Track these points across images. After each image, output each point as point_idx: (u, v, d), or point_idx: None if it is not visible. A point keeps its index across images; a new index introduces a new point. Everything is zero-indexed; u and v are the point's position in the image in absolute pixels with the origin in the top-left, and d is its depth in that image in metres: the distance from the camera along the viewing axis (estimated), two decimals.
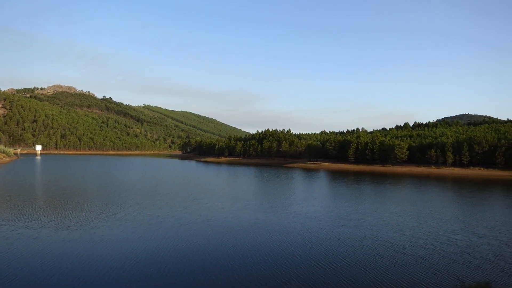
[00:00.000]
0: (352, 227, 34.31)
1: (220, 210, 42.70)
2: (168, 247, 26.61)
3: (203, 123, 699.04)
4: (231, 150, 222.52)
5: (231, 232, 31.50)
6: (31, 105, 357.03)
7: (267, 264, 23.06)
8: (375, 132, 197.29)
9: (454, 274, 21.45)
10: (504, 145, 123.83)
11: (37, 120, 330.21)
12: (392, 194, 61.72)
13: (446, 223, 36.80)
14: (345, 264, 23.35)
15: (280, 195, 58.63)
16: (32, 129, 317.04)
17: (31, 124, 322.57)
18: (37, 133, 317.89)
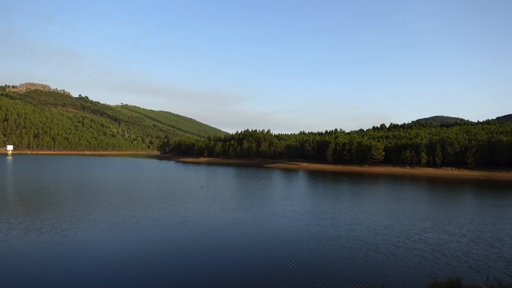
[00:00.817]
0: (327, 226, 34.57)
1: (197, 210, 42.14)
2: (142, 248, 26.02)
3: (182, 123, 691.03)
4: (211, 150, 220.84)
5: (208, 233, 31.15)
6: (1, 103, 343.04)
7: (243, 264, 22.89)
8: (352, 133, 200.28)
9: (424, 272, 21.84)
10: (474, 146, 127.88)
11: (8, 119, 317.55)
12: (368, 194, 62.40)
13: (418, 221, 37.56)
14: (320, 263, 23.43)
15: (258, 195, 58.36)
16: (3, 128, 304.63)
17: (1, 123, 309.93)
18: (9, 132, 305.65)
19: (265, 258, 24.17)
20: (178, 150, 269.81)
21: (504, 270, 22.07)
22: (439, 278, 18.91)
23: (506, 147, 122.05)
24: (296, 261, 23.73)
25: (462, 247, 27.65)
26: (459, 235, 31.51)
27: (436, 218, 39.81)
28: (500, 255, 25.42)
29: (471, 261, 23.99)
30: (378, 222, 36.92)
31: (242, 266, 22.63)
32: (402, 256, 25.03)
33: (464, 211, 45.22)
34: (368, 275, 21.26)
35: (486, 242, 29.37)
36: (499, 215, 42.68)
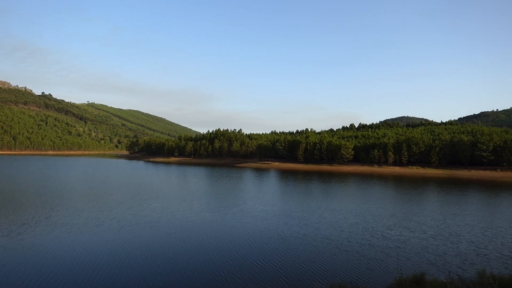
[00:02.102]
0: (295, 225, 34.46)
1: (165, 211, 40.98)
2: (105, 251, 24.89)
3: (152, 122, 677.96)
4: (181, 150, 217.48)
5: (174, 233, 30.32)
6: None
7: (209, 265, 22.33)
8: (323, 133, 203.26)
9: (387, 268, 22.15)
10: (438, 145, 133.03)
11: None
12: (336, 193, 63.06)
13: (382, 219, 38.23)
14: (286, 262, 23.22)
15: (228, 195, 57.62)
16: None
17: None
18: None
19: (231, 258, 23.70)
20: (148, 150, 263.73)
21: (461, 265, 22.70)
22: (404, 273, 18.77)
23: (466, 147, 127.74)
24: (262, 260, 23.40)
25: (422, 243, 28.28)
26: (420, 232, 32.25)
27: (400, 215, 40.69)
28: (458, 250, 26.19)
29: (431, 257, 24.52)
30: (344, 220, 37.20)
31: (208, 266, 22.05)
32: (366, 253, 25.24)
33: (426, 208, 46.47)
34: (334, 273, 21.24)
35: (445, 237, 30.22)
36: (458, 211, 44.17)
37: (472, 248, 26.87)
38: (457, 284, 11.44)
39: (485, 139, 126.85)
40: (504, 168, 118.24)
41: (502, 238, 29.98)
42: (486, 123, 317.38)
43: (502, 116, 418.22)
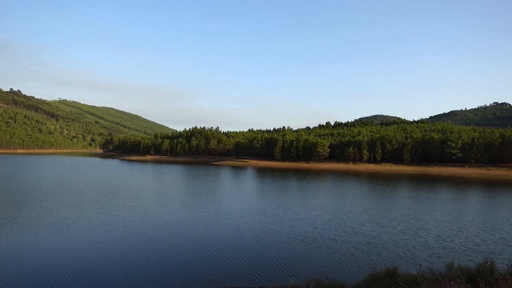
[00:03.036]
0: (270, 222, 34.51)
1: (139, 210, 40.13)
2: (74, 252, 24.04)
3: (127, 120, 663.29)
4: (158, 148, 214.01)
5: (148, 233, 29.72)
6: None
7: (182, 264, 21.98)
8: (300, 131, 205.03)
9: (358, 263, 22.57)
10: (410, 143, 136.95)
11: None
12: (312, 190, 63.62)
13: (355, 215, 38.89)
14: (260, 259, 23.21)
15: (204, 193, 57.00)
16: None
17: None
18: None
19: (205, 257, 23.42)
20: (123, 148, 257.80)
21: (428, 258, 23.33)
22: (377, 268, 19.03)
23: (437, 144, 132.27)
24: (236, 258, 23.28)
25: (393, 238, 28.98)
26: (390, 227, 33.00)
27: (372, 211, 41.49)
28: (426, 244, 26.98)
29: (401, 251, 25.18)
30: (318, 216, 37.56)
31: (181, 266, 21.71)
32: (339, 249, 25.60)
33: (397, 204, 47.69)
34: (307, 269, 21.36)
35: (414, 232, 31.08)
36: (426, 207, 45.56)
37: (439, 242, 27.75)
38: (428, 276, 11.63)
39: (454, 137, 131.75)
40: (471, 165, 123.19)
41: (467, 232, 31.11)
42: (455, 121, 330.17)
43: (470, 115, 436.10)
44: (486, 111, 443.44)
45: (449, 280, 7.26)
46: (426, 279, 10.79)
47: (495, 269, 10.61)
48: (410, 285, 10.59)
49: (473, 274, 10.34)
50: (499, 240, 28.48)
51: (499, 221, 36.08)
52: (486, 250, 25.39)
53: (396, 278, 13.12)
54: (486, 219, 37.24)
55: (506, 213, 40.97)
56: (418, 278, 10.71)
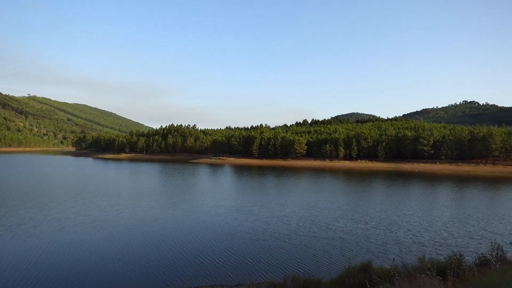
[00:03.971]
0: (245, 220, 34.33)
1: (112, 209, 38.99)
2: (41, 254, 23.03)
3: (101, 117, 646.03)
4: (133, 146, 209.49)
5: (120, 233, 28.90)
6: None
7: (154, 265, 21.47)
8: (277, 128, 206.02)
9: (330, 258, 22.82)
10: (384, 140, 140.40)
11: None
12: (288, 187, 63.98)
13: (329, 211, 39.25)
14: (234, 258, 22.99)
15: (180, 191, 56.19)
16: None
17: None
18: None
19: (178, 257, 23.00)
20: (97, 146, 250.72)
21: (399, 252, 23.79)
22: (352, 262, 19.36)
23: (410, 141, 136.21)
24: (210, 257, 22.98)
25: (365, 233, 29.46)
26: (363, 223, 33.51)
27: (345, 207, 41.98)
28: (397, 239, 27.58)
29: (372, 246, 25.61)
30: (293, 213, 37.67)
31: (153, 266, 21.20)
32: (313, 245, 25.74)
33: (370, 200, 48.64)
34: (283, 266, 21.38)
35: (385, 227, 31.70)
36: (398, 202, 46.76)
37: (409, 236, 28.42)
38: (400, 270, 11.88)
39: (426, 134, 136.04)
40: (442, 161, 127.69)
41: (435, 227, 32.02)
42: (427, 119, 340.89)
43: (441, 113, 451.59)
44: (456, 109, 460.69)
45: (420, 273, 7.44)
46: (398, 272, 11.03)
47: (463, 261, 10.99)
48: (383, 278, 10.79)
49: (443, 267, 10.65)
50: (466, 233, 29.51)
51: (466, 215, 37.46)
52: (453, 243, 26.16)
53: (370, 272, 13.34)
54: (453, 214, 38.57)
55: (472, 208, 42.63)
56: (391, 271, 10.93)
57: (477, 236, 28.45)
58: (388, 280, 9.96)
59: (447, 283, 6.15)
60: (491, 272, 5.78)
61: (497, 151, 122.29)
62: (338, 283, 13.73)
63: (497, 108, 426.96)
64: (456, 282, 6.42)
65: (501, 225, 32.83)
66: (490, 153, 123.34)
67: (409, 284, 6.73)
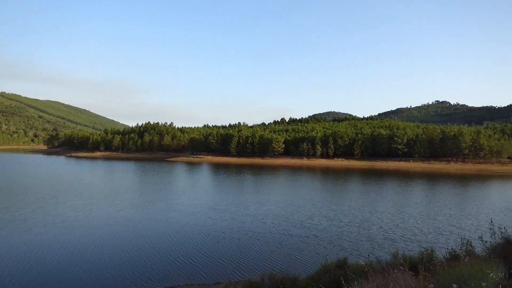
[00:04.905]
0: (220, 219, 34.05)
1: (83, 208, 37.86)
2: (5, 255, 22.13)
3: (75, 114, 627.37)
4: (108, 144, 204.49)
5: (91, 233, 28.02)
6: None
7: (126, 266, 20.93)
8: (255, 127, 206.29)
9: (305, 256, 23.00)
10: (360, 139, 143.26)
11: None
12: (265, 185, 64.28)
13: (304, 209, 39.54)
14: (207, 257, 22.74)
15: (156, 189, 55.30)
16: None
17: None
18: None
19: (150, 256, 22.48)
20: (70, 144, 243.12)
21: (370, 249, 24.12)
22: (323, 259, 19.60)
23: (385, 140, 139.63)
24: (183, 257, 22.58)
25: (339, 230, 29.81)
26: (336, 220, 33.90)
27: (320, 205, 42.34)
28: (369, 236, 28.07)
29: (344, 243, 25.99)
30: (268, 212, 37.65)
31: (125, 267, 20.65)
32: (287, 243, 25.84)
33: (345, 198, 49.41)
34: (259, 264, 21.34)
35: (358, 224, 32.19)
36: (372, 199, 47.82)
37: (381, 233, 28.97)
38: (375, 266, 12.06)
39: (400, 133, 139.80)
40: (415, 159, 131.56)
41: (406, 223, 32.84)
42: (401, 118, 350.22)
43: (414, 112, 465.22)
44: (429, 109, 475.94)
45: (394, 268, 7.61)
46: (373, 268, 11.23)
47: (434, 256, 11.32)
48: (358, 274, 10.94)
49: (415, 262, 10.92)
50: (435, 229, 30.44)
51: (435, 212, 38.68)
52: (423, 239, 26.84)
53: (346, 268, 13.51)
54: (424, 210, 39.69)
55: (442, 204, 44.12)
56: (366, 267, 11.12)
57: (446, 232, 29.39)
58: (363, 276, 10.13)
59: (419, 278, 6.31)
60: (460, 266, 5.97)
61: (466, 149, 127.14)
62: (315, 280, 13.82)
63: (467, 108, 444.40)
64: (427, 276, 6.60)
65: (469, 221, 34.09)
66: (460, 151, 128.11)
67: (383, 280, 6.86)
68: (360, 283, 7.73)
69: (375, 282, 6.86)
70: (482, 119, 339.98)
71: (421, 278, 6.20)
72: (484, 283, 4.88)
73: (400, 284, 5.97)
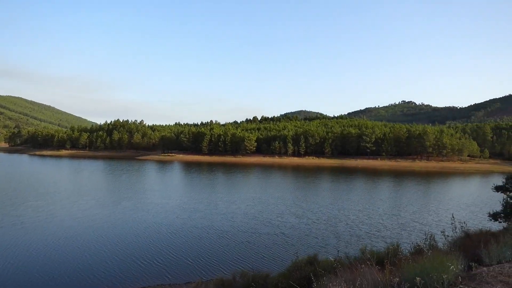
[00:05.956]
0: (188, 218, 33.64)
1: (45, 209, 36.25)
2: None
3: (38, 111, 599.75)
4: (75, 142, 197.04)
5: (52, 234, 26.93)
6: None
7: (88, 268, 20.27)
8: (227, 125, 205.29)
9: (275, 253, 23.26)
10: (330, 137, 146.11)
11: None
12: (236, 184, 64.17)
13: (274, 207, 39.83)
14: (173, 257, 22.49)
15: (124, 189, 53.94)
16: None
17: None
18: None
19: (114, 258, 21.87)
20: (33, 142, 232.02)
21: (337, 245, 24.66)
22: (291, 256, 19.83)
23: (354, 139, 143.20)
24: (148, 258, 22.12)
25: (307, 228, 30.27)
26: (305, 218, 34.34)
27: (289, 203, 42.78)
28: (336, 232, 28.70)
29: (314, 240, 26.39)
30: (238, 210, 37.58)
31: (87, 270, 20.00)
32: (256, 241, 25.97)
33: (314, 196, 50.20)
34: (229, 263, 21.34)
35: (325, 221, 32.84)
36: (340, 196, 48.92)
37: (348, 229, 29.68)
38: (343, 261, 12.31)
39: (369, 132, 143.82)
40: (383, 157, 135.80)
41: (371, 219, 33.81)
42: (370, 117, 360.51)
43: (382, 112, 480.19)
44: (395, 109, 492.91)
45: (361, 264, 7.80)
46: (341, 263, 11.47)
47: (399, 250, 11.75)
48: (327, 270, 11.13)
49: (382, 257, 11.28)
50: (399, 225, 31.54)
51: (399, 208, 40.06)
52: (388, 235, 27.75)
53: (316, 264, 13.71)
54: (389, 207, 40.99)
55: (406, 201, 45.82)
56: (335, 263, 11.34)
57: (409, 228, 30.53)
58: (332, 272, 10.33)
59: (385, 272, 6.50)
60: (423, 260, 6.21)
61: (430, 148, 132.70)
62: (286, 276, 13.96)
63: (431, 108, 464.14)
64: (393, 270, 6.81)
65: (430, 217, 35.60)
66: (425, 150, 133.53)
67: (351, 275, 7.00)
68: (329, 279, 7.87)
69: (343, 277, 6.99)
70: (445, 119, 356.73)
71: (387, 272, 6.38)
72: (445, 275, 5.07)
73: (367, 278, 6.11)
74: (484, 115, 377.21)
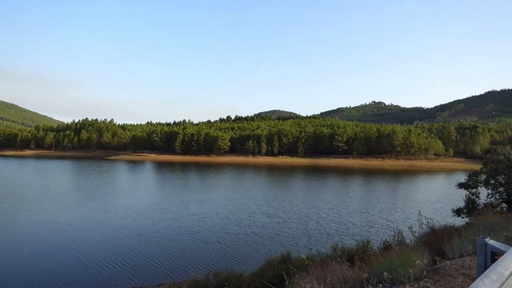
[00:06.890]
0: (157, 219, 32.82)
1: (5, 211, 34.40)
2: None
3: (0, 109, 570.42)
4: (40, 142, 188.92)
5: (12, 239, 25.45)
6: None
7: (49, 274, 19.30)
8: (201, 124, 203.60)
9: (244, 253, 23.16)
10: (304, 137, 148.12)
11: None
12: (209, 183, 63.61)
13: (245, 206, 39.64)
14: (141, 260, 21.78)
15: (90, 190, 52.01)
16: None
17: None
18: None
19: (77, 263, 20.91)
20: None
21: (307, 244, 24.82)
22: (262, 255, 19.90)
23: (326, 138, 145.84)
24: (114, 262, 21.33)
25: (278, 226, 30.29)
26: (276, 217, 34.38)
27: (261, 202, 42.79)
28: (306, 231, 28.91)
29: (285, 239, 26.36)
30: (209, 210, 37.15)
31: (47, 276, 19.03)
32: (226, 241, 25.70)
33: (286, 194, 50.42)
34: (201, 264, 21.06)
35: (296, 220, 33.02)
36: (311, 195, 49.43)
37: (318, 227, 29.97)
38: (316, 259, 12.49)
39: (341, 131, 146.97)
40: (354, 156, 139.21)
41: (341, 217, 34.34)
42: (342, 117, 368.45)
43: (354, 112, 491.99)
44: (366, 109, 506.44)
45: (332, 261, 7.94)
46: (313, 261, 11.63)
47: (369, 247, 12.07)
48: (300, 268, 11.25)
49: (352, 253, 11.54)
50: (367, 222, 32.25)
51: (368, 206, 41.06)
52: (357, 232, 28.20)
53: (288, 262, 13.85)
54: (358, 205, 41.76)
55: (374, 198, 47.10)
56: (307, 261, 11.50)
57: (377, 225, 31.30)
58: (304, 270, 10.45)
59: (355, 268, 6.64)
60: (391, 255, 6.38)
61: (399, 147, 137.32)
62: (259, 275, 14.00)
63: (399, 108, 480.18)
64: (362, 266, 6.97)
65: (397, 214, 36.71)
66: (394, 149, 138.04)
67: (322, 272, 7.10)
68: (301, 276, 7.95)
69: (314, 274, 7.07)
70: (412, 119, 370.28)
71: (357, 268, 6.51)
72: (411, 270, 5.23)
73: (338, 275, 6.21)
74: (448, 115, 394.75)
